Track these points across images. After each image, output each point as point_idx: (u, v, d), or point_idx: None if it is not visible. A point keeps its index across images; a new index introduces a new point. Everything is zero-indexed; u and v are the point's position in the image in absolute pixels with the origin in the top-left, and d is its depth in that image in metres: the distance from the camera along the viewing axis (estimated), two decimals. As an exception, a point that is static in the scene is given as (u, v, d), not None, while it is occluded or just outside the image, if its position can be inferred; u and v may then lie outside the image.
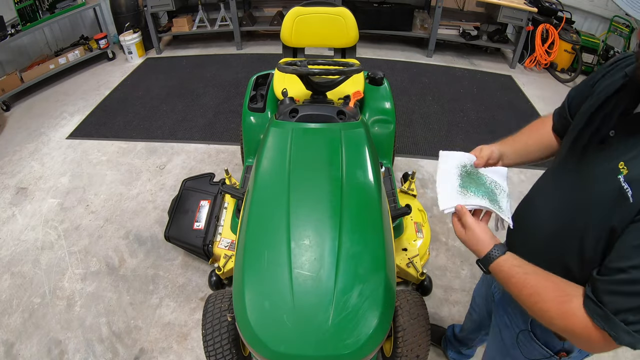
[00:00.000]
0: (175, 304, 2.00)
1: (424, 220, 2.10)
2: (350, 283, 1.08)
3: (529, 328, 0.99)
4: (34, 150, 3.16)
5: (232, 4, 4.29)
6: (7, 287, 2.11)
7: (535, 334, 0.98)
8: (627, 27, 3.71)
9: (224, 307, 1.43)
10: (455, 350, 1.74)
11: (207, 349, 1.39)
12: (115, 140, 3.20)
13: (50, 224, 2.47)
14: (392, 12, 4.41)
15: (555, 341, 0.94)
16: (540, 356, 0.98)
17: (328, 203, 1.25)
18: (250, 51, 4.65)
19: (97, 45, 4.38)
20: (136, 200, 2.61)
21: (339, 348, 1.00)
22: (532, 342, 0.98)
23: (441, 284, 2.07)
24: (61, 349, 1.83)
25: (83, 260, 2.23)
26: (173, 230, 2.07)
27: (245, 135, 2.18)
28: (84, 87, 4.05)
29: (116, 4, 4.45)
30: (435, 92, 3.78)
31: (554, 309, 0.71)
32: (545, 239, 0.86)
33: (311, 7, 2.22)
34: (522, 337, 1.02)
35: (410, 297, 1.49)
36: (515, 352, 1.05)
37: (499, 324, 1.12)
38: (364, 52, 4.50)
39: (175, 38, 4.97)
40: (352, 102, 1.76)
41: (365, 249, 1.18)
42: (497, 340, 1.14)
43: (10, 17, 3.74)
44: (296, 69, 1.64)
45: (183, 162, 2.94)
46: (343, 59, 2.40)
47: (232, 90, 3.82)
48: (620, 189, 0.66)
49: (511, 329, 1.06)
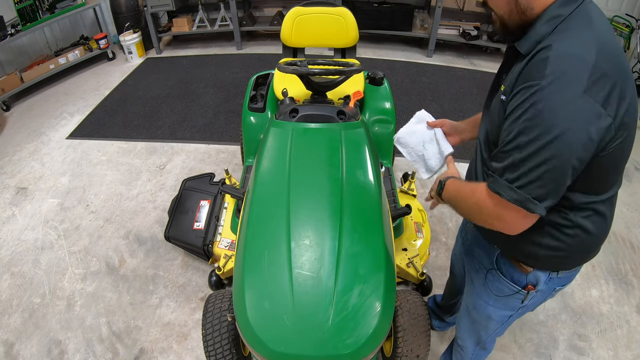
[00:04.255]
0: (175, 304, 2.00)
1: (424, 220, 2.10)
2: (351, 283, 1.08)
3: (494, 266, 1.09)
4: (34, 150, 3.16)
5: (232, 4, 4.29)
6: (7, 287, 2.11)
7: (501, 271, 1.07)
8: (627, 27, 3.71)
9: (224, 307, 1.43)
10: (439, 318, 1.82)
11: (207, 349, 1.39)
12: (115, 140, 3.20)
13: (50, 224, 2.47)
14: (392, 12, 4.41)
15: (521, 275, 1.03)
16: (510, 292, 1.07)
17: (328, 203, 1.25)
18: (250, 51, 4.65)
19: (97, 45, 4.38)
20: (136, 200, 2.61)
21: (339, 348, 1.00)
22: (500, 279, 1.08)
23: (441, 284, 2.06)
24: (61, 349, 1.83)
25: (83, 260, 2.23)
26: (173, 230, 2.07)
27: (245, 135, 2.18)
28: (84, 87, 4.05)
29: (116, 4, 4.45)
30: (435, 92, 3.78)
31: (475, 199, 0.90)
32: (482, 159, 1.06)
33: (311, 7, 2.22)
34: (489, 276, 1.11)
35: (410, 297, 1.49)
36: (486, 292, 1.14)
37: (470, 272, 1.22)
38: (364, 52, 4.50)
39: (175, 38, 4.97)
40: (352, 102, 1.76)
41: (365, 249, 1.18)
42: (470, 289, 1.23)
43: (10, 17, 3.74)
44: (296, 69, 1.64)
45: (183, 162, 2.94)
46: (343, 59, 2.40)
47: (232, 90, 3.82)
48: (501, 101, 0.87)
49: (480, 272, 1.15)
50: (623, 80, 0.76)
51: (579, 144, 0.74)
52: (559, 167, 0.75)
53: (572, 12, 0.79)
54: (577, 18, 0.79)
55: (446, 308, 1.74)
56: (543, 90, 0.73)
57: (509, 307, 1.12)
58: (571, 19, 0.79)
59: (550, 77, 0.73)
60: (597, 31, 0.78)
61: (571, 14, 0.79)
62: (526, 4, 0.83)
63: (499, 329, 1.23)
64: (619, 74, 0.76)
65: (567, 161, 0.75)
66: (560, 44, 0.76)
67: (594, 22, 0.79)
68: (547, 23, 0.81)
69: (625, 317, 1.96)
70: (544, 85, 0.73)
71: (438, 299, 1.81)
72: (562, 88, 0.72)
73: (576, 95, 0.72)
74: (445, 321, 1.81)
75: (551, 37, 0.79)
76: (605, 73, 0.73)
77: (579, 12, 0.79)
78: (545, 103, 0.73)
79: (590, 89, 0.72)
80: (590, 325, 1.92)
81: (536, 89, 0.74)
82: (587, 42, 0.76)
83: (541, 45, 0.79)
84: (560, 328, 1.90)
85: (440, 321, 1.82)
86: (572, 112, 0.72)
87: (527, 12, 0.84)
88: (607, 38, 0.79)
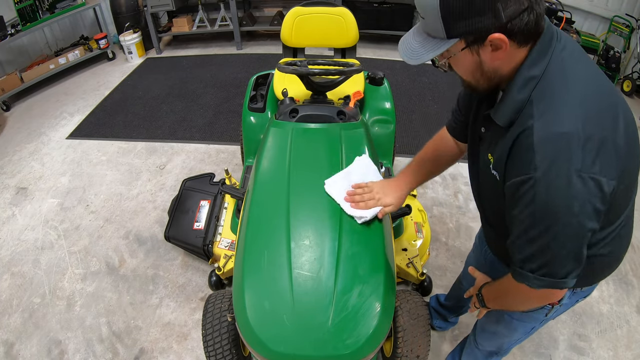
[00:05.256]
0: (175, 304, 2.00)
1: (424, 220, 2.10)
2: (350, 283, 1.08)
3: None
4: (34, 150, 3.16)
5: (232, 4, 4.29)
6: (7, 287, 2.11)
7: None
8: (627, 27, 3.71)
9: (224, 307, 1.43)
10: (442, 318, 1.81)
11: (207, 349, 1.39)
12: (115, 140, 3.20)
13: (50, 224, 2.47)
14: (392, 12, 4.41)
15: None
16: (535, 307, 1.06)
17: (328, 203, 1.25)
18: (250, 51, 4.65)
19: (97, 45, 4.38)
20: (136, 200, 2.61)
21: (339, 348, 1.00)
22: None
23: (441, 284, 2.07)
24: (61, 349, 1.83)
25: (83, 260, 2.23)
26: (173, 230, 2.07)
27: (245, 135, 2.18)
28: (84, 87, 4.05)
29: (116, 4, 4.45)
30: (435, 92, 3.78)
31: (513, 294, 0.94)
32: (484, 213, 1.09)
33: (311, 7, 2.22)
34: None
35: (410, 297, 1.49)
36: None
37: None
38: (364, 52, 4.50)
39: (175, 38, 4.97)
40: (352, 102, 1.76)
41: (365, 249, 1.18)
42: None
43: (10, 17, 3.74)
44: (296, 69, 1.64)
45: (183, 162, 2.94)
46: (343, 59, 2.40)
47: (232, 90, 3.82)
48: (494, 177, 0.86)
49: None
50: (614, 127, 0.73)
51: (588, 220, 0.73)
52: (575, 245, 0.75)
53: (546, 68, 0.75)
54: (552, 76, 0.75)
55: (452, 309, 1.73)
56: (539, 183, 0.72)
57: (533, 320, 1.13)
58: (546, 79, 0.75)
59: (541, 167, 0.71)
60: (576, 86, 0.74)
61: (545, 72, 0.75)
62: (492, 71, 0.78)
63: (521, 338, 1.24)
64: (608, 124, 0.73)
65: (582, 237, 0.75)
66: (541, 123, 0.72)
67: (570, 76, 0.75)
68: (522, 89, 0.76)
69: (625, 317, 1.96)
70: (539, 178, 0.71)
71: (441, 299, 1.80)
72: (556, 176, 0.70)
73: (572, 177, 0.69)
74: (448, 321, 1.80)
75: (530, 110, 0.75)
76: (594, 137, 0.70)
77: (552, 69, 0.75)
78: (545, 196, 0.72)
79: (584, 165, 0.69)
80: (590, 325, 1.92)
81: (532, 183, 0.72)
82: (569, 111, 0.72)
83: (522, 126, 0.75)
84: (560, 328, 1.90)
85: (443, 321, 1.81)
86: (573, 196, 0.70)
87: (494, 79, 0.81)
88: (587, 87, 0.75)
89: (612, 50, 3.82)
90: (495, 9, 0.69)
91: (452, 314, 1.77)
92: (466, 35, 0.73)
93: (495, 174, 0.85)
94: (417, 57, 0.79)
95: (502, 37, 0.71)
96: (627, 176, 0.78)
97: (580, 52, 0.80)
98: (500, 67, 0.78)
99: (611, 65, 3.83)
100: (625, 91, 3.81)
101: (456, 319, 1.82)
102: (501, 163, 0.82)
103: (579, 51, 0.80)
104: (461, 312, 1.74)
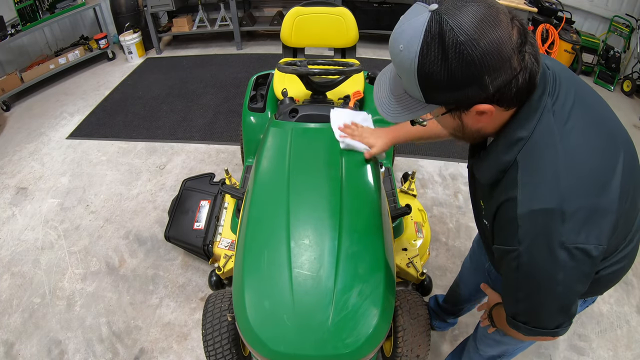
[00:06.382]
0: (175, 304, 2.00)
1: (424, 220, 2.10)
2: (350, 283, 1.08)
3: None
4: (34, 150, 3.16)
5: (232, 4, 4.29)
6: (7, 287, 2.11)
7: None
8: (627, 27, 3.71)
9: (224, 307, 1.43)
10: (440, 319, 1.81)
11: (207, 349, 1.39)
12: (115, 140, 3.20)
13: (50, 224, 2.47)
14: (392, 12, 4.40)
15: None
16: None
17: (328, 203, 1.25)
18: (250, 51, 4.65)
19: (97, 45, 4.37)
20: (136, 200, 2.61)
21: (339, 348, 1.00)
22: None
23: (441, 284, 2.07)
24: (61, 349, 1.83)
25: (83, 260, 2.23)
26: (173, 230, 2.07)
27: (245, 135, 2.18)
28: (84, 87, 4.05)
29: (116, 4, 4.45)
30: (435, 92, 3.78)
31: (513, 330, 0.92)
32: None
33: (311, 7, 2.22)
34: None
35: (410, 297, 1.49)
36: None
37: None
38: (364, 52, 4.50)
39: (175, 38, 4.97)
40: (352, 102, 1.76)
41: (365, 249, 1.18)
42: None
43: (10, 17, 3.74)
44: (296, 69, 1.64)
45: (183, 162, 2.94)
46: (343, 59, 2.40)
47: (232, 90, 3.81)
48: (485, 224, 0.88)
49: None
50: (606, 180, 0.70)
51: (576, 283, 0.73)
52: (563, 304, 0.76)
53: (534, 130, 0.70)
54: (539, 139, 0.70)
55: (450, 311, 1.73)
56: (523, 255, 0.72)
57: None
58: (533, 141, 0.71)
59: (525, 241, 0.70)
60: (565, 151, 0.69)
61: (533, 133, 0.70)
62: (475, 131, 0.75)
63: (527, 344, 1.22)
64: (596, 188, 0.69)
65: (570, 298, 0.76)
66: (524, 196, 0.70)
67: (557, 138, 0.70)
68: (508, 151, 0.73)
69: (625, 317, 1.96)
70: (523, 251, 0.71)
71: (440, 300, 1.80)
72: (539, 250, 0.70)
73: (555, 250, 0.68)
74: (446, 322, 1.81)
75: (514, 173, 0.72)
76: (579, 209, 0.68)
77: (541, 130, 0.70)
78: (530, 266, 0.72)
79: (568, 237, 0.68)
80: (590, 325, 1.91)
81: (516, 255, 0.72)
82: (551, 185, 0.69)
83: (506, 194, 0.73)
84: (560, 328, 1.90)
85: (442, 322, 1.82)
86: (559, 267, 0.70)
87: (477, 138, 0.78)
88: (577, 148, 0.70)
89: (612, 50, 3.82)
90: (481, 82, 0.62)
91: (450, 316, 1.77)
92: (447, 104, 0.69)
93: (487, 223, 0.85)
94: (394, 115, 0.75)
95: (489, 107, 0.67)
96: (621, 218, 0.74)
97: (576, 95, 0.74)
98: (484, 128, 0.74)
99: (611, 65, 3.83)
100: (626, 91, 3.81)
101: (455, 320, 1.82)
102: (489, 219, 0.83)
103: (574, 94, 0.74)
104: (459, 314, 1.74)
